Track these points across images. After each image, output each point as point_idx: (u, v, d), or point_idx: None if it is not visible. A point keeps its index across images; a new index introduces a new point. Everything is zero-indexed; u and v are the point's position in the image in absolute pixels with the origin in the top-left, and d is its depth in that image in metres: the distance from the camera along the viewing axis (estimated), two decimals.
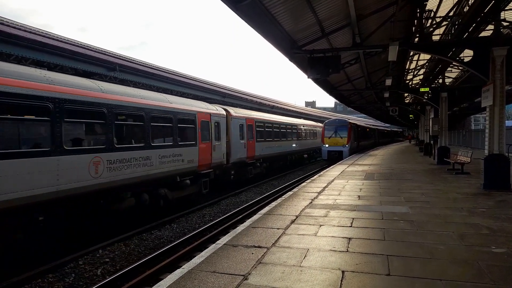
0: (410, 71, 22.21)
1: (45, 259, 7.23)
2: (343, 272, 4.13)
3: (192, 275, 4.14)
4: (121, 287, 6.15)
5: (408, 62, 19.83)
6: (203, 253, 5.00)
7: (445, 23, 12.78)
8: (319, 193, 9.85)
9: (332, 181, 12.44)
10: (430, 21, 12.97)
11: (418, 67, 21.18)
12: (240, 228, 6.26)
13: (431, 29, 12.62)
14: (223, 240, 5.55)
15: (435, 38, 13.96)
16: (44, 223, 7.15)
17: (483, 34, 12.81)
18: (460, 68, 19.41)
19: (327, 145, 27.60)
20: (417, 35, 12.21)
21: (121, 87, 9.99)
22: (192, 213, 11.85)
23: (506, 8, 11.25)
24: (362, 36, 12.79)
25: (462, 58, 12.89)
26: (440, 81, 19.82)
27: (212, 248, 5.18)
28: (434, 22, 12.90)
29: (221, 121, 14.86)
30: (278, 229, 6.08)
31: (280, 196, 10.18)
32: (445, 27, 13.31)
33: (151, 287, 4.36)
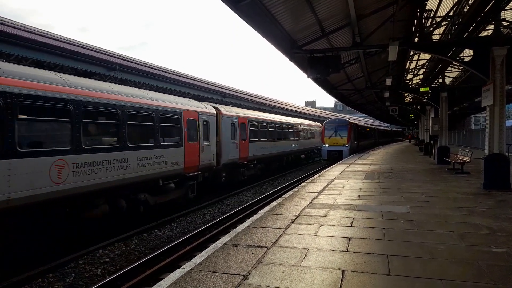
0: (410, 70, 22.22)
1: (45, 259, 7.22)
2: (343, 271, 4.13)
3: (192, 275, 4.15)
4: (121, 287, 6.14)
5: (408, 61, 19.84)
6: (203, 252, 5.00)
7: (445, 22, 12.79)
8: (319, 192, 9.86)
9: (332, 180, 12.44)
10: (430, 20, 12.98)
11: (418, 67, 21.18)
12: (240, 228, 6.26)
13: (431, 28, 12.63)
14: (223, 239, 5.55)
15: (435, 37, 13.96)
16: None
17: (483, 33, 12.81)
18: (460, 67, 19.41)
19: (327, 145, 27.62)
20: (417, 34, 12.21)
21: (93, 81, 9.14)
22: (192, 213, 11.86)
23: (506, 8, 11.25)
24: (362, 35, 12.79)
25: (462, 58, 12.91)
26: (440, 80, 19.81)
27: (212, 247, 5.18)
28: (434, 22, 12.91)
29: (211, 120, 14.01)
30: (278, 228, 6.09)
31: (280, 196, 10.18)
32: (445, 26, 13.31)
33: (151, 287, 4.36)
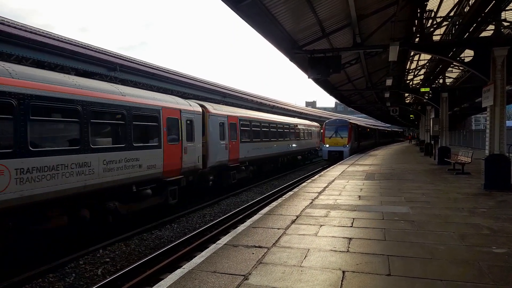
0: (410, 71, 22.21)
1: (45, 259, 7.23)
2: (343, 272, 4.13)
3: (193, 275, 4.15)
4: (122, 287, 6.15)
5: (409, 62, 19.83)
6: (203, 253, 5.00)
7: (445, 23, 12.78)
8: (319, 193, 9.85)
9: (333, 181, 12.44)
10: (430, 21, 12.97)
11: (419, 67, 21.17)
12: (241, 228, 6.26)
13: (432, 29, 12.62)
14: (224, 240, 5.55)
15: (436, 38, 13.95)
16: None
17: (483, 34, 12.80)
18: (461, 68, 19.40)
19: (327, 145, 27.61)
20: (418, 35, 12.21)
21: (47, 72, 7.94)
22: (193, 213, 11.86)
23: (506, 8, 11.25)
24: (362, 36, 12.78)
25: (462, 58, 12.89)
26: (441, 81, 19.80)
27: (212, 248, 5.18)
28: (435, 22, 12.90)
29: (196, 118, 12.84)
30: (278, 229, 6.08)
31: (281, 196, 10.18)
32: (445, 27, 13.30)
33: (151, 287, 4.37)
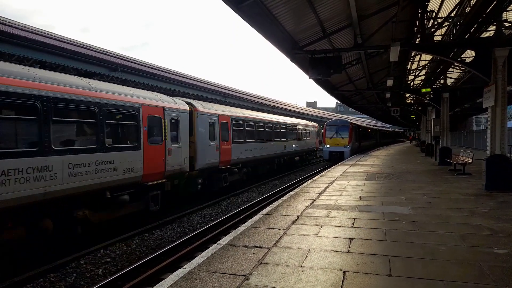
0: (411, 71, 22.20)
1: (46, 259, 7.24)
2: (344, 272, 4.13)
3: (193, 275, 4.15)
4: (122, 287, 6.16)
5: (410, 62, 19.83)
6: (204, 253, 5.01)
7: (446, 23, 12.77)
8: (320, 193, 9.85)
9: (334, 181, 12.43)
10: (431, 21, 12.97)
11: (420, 68, 21.16)
12: (241, 228, 6.27)
13: (433, 29, 12.60)
14: (224, 240, 5.56)
15: (437, 38, 13.95)
16: None
17: (484, 34, 12.78)
18: (462, 68, 19.37)
19: (328, 146, 27.62)
20: (419, 35, 12.21)
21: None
22: (193, 213, 11.86)
23: (508, 9, 11.24)
24: (363, 36, 12.78)
25: (463, 59, 12.87)
26: (442, 81, 19.79)
27: (213, 248, 5.18)
28: (436, 23, 12.89)
29: (182, 117, 11.90)
30: (279, 229, 6.09)
31: (281, 197, 10.18)
32: (446, 27, 13.30)
33: (152, 287, 4.37)
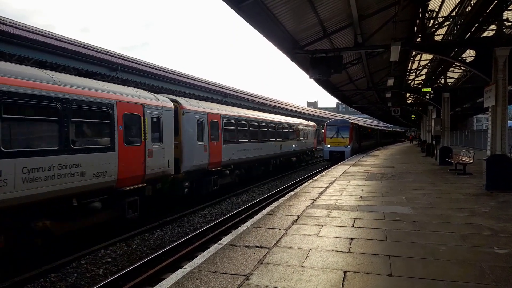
0: (412, 71, 22.19)
1: (47, 259, 7.25)
2: (345, 272, 4.13)
3: (194, 275, 4.15)
4: (123, 287, 6.16)
5: (410, 62, 19.82)
6: (205, 253, 5.01)
7: (447, 23, 12.76)
8: (321, 193, 9.85)
9: (334, 181, 12.43)
10: (432, 21, 12.95)
11: (420, 67, 21.15)
12: (242, 228, 6.27)
13: (433, 29, 12.59)
14: (225, 240, 5.56)
15: (437, 38, 13.94)
16: None
17: (485, 34, 12.77)
18: (463, 68, 19.36)
19: (328, 145, 27.63)
20: (419, 35, 12.20)
21: None
22: (194, 213, 11.86)
23: (508, 8, 11.23)
24: (364, 36, 12.78)
25: (464, 58, 12.89)
26: (442, 81, 19.77)
27: (214, 248, 5.18)
28: (436, 22, 12.88)
29: (165, 115, 10.90)
30: (280, 229, 6.09)
31: (282, 196, 10.18)
32: (447, 27, 13.29)
33: (153, 287, 4.37)
